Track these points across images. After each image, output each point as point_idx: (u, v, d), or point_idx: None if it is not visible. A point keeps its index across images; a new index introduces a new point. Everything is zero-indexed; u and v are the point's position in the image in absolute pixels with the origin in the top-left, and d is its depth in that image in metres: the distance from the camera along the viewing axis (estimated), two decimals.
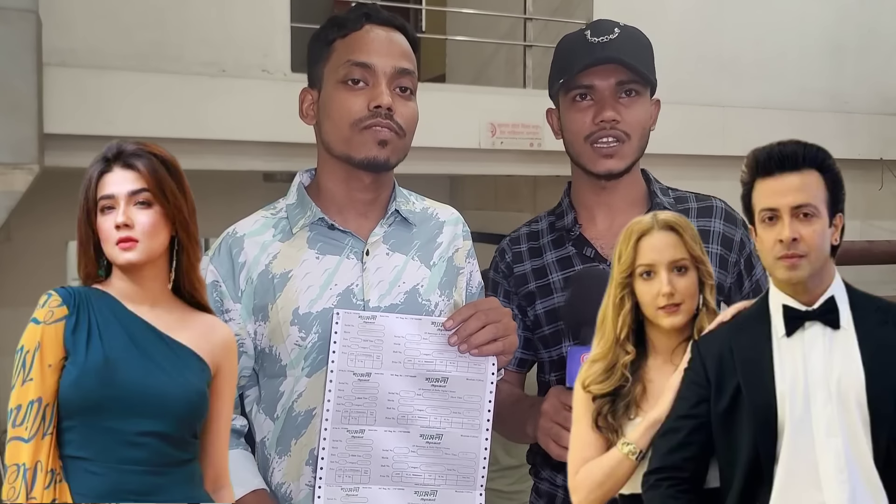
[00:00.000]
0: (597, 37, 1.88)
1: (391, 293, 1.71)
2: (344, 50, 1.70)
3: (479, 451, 1.67)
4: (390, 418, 1.63)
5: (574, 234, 1.91)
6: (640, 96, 1.90)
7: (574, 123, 1.89)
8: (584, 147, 1.88)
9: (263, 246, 1.70)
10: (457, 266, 1.81)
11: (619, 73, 1.86)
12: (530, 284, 1.92)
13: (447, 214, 1.86)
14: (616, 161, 1.87)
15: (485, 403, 1.66)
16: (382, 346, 1.62)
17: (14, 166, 3.01)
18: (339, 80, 1.69)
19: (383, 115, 1.67)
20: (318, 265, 1.69)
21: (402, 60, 1.71)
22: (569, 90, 1.89)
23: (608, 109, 1.86)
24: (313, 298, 1.67)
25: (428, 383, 1.64)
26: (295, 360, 1.67)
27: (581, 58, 1.87)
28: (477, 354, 1.65)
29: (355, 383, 1.61)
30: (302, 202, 1.74)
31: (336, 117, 1.69)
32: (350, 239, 1.72)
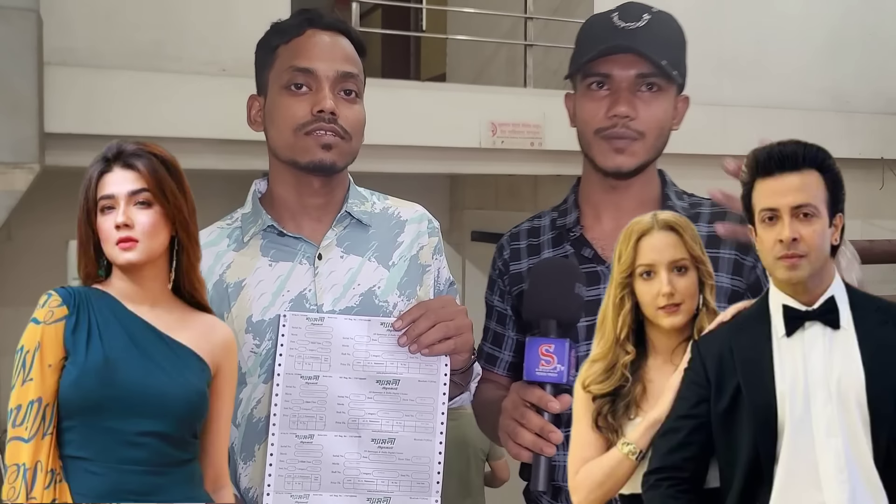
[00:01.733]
0: (624, 21, 1.73)
1: (346, 296, 1.68)
2: (286, 56, 1.70)
3: (433, 456, 1.61)
4: (340, 422, 1.59)
5: (574, 235, 1.79)
6: (662, 92, 1.74)
7: (586, 112, 1.76)
8: (594, 140, 1.75)
9: (217, 256, 1.69)
10: (422, 264, 1.78)
11: (641, 65, 1.71)
12: (524, 283, 1.77)
13: (410, 213, 1.82)
14: (627, 158, 1.73)
15: (438, 406, 1.62)
16: (331, 348, 1.59)
17: (14, 165, 3.01)
18: (283, 85, 1.68)
19: (326, 119, 1.65)
20: (270, 272, 1.68)
21: (345, 64, 1.70)
22: (585, 76, 1.75)
23: (622, 104, 1.71)
24: (266, 305, 1.65)
25: (379, 386, 1.60)
26: (252, 368, 1.64)
27: (601, 42, 1.72)
28: (428, 354, 1.61)
29: (303, 387, 1.58)
30: (255, 210, 1.73)
31: (280, 123, 1.68)
32: (302, 244, 1.70)
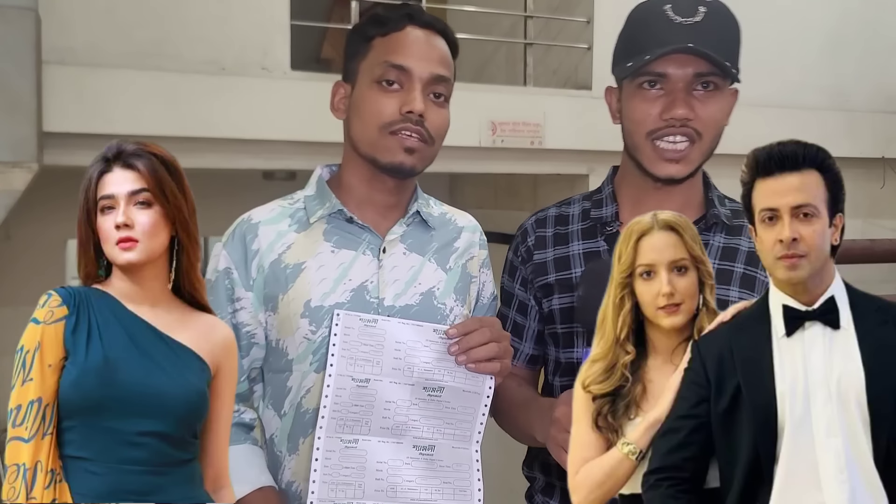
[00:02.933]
0: (679, 15, 1.63)
1: (407, 293, 1.66)
2: (382, 49, 1.66)
3: (471, 463, 1.62)
4: (385, 428, 1.57)
5: (611, 230, 1.70)
6: (718, 91, 1.66)
7: (638, 113, 1.66)
8: (646, 143, 1.66)
9: (279, 234, 1.65)
10: (470, 273, 1.76)
11: (699, 64, 1.62)
12: (550, 276, 1.75)
13: (465, 221, 1.82)
14: (681, 167, 1.65)
15: (478, 416, 1.62)
16: (383, 352, 1.57)
17: (13, 165, 3.00)
18: (374, 79, 1.64)
19: (414, 120, 1.62)
20: (332, 258, 1.64)
21: (440, 67, 1.67)
22: (637, 74, 1.65)
23: (680, 105, 1.63)
24: (326, 292, 1.62)
25: (425, 392, 1.59)
26: (303, 355, 1.61)
27: (658, 40, 1.61)
28: (473, 370, 1.60)
29: (353, 389, 1.55)
30: (321, 194, 1.69)
31: (366, 117, 1.64)
32: (367, 234, 1.67)
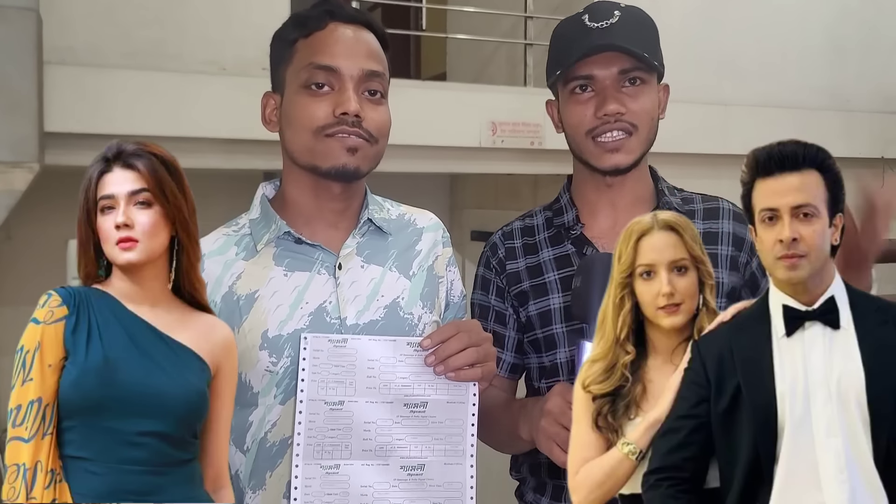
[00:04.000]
0: (595, 21, 1.72)
1: (369, 308, 1.58)
2: (306, 51, 1.57)
3: (464, 480, 1.54)
4: (367, 450, 1.50)
5: (575, 233, 1.78)
6: (645, 84, 1.74)
7: (574, 117, 1.75)
8: (587, 142, 1.74)
9: (226, 265, 1.57)
10: (437, 275, 1.68)
11: (622, 61, 1.71)
12: (524, 283, 1.79)
13: (426, 220, 1.73)
14: (623, 155, 1.73)
15: (467, 427, 1.54)
16: (355, 372, 1.50)
17: (14, 165, 3.01)
18: (301, 84, 1.56)
19: (350, 122, 1.53)
20: (286, 283, 1.56)
21: (370, 62, 1.58)
22: (567, 81, 1.75)
23: (611, 102, 1.70)
24: (283, 319, 1.54)
25: (406, 409, 1.52)
26: (266, 388, 1.54)
27: (578, 46, 1.71)
28: (454, 379, 1.53)
29: (327, 413, 1.49)
30: (266, 216, 1.61)
31: (298, 125, 1.56)
32: (320, 252, 1.58)
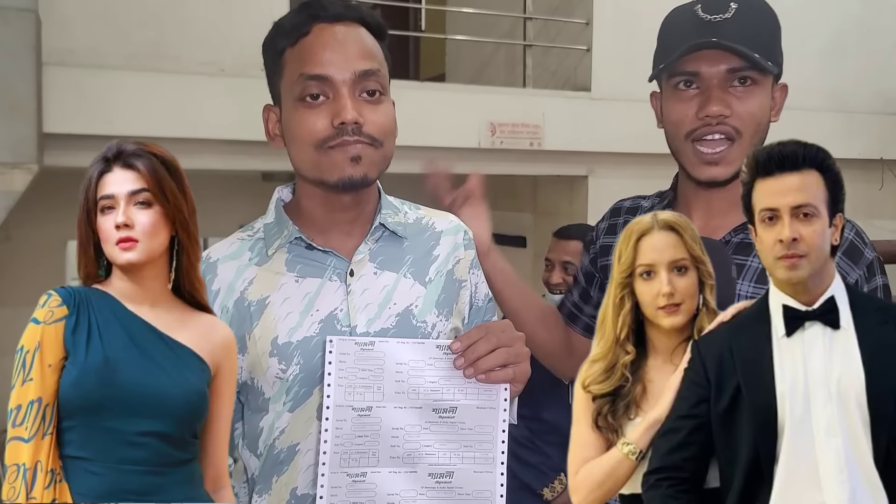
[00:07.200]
0: (708, 13, 1.63)
1: (381, 316, 1.53)
2: (295, 62, 1.51)
3: (494, 489, 1.48)
4: (395, 457, 1.46)
5: None
6: (756, 85, 1.64)
7: (675, 114, 1.67)
8: (685, 146, 1.66)
9: (239, 270, 1.54)
10: (458, 279, 1.62)
11: (731, 59, 1.62)
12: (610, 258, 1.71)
13: (445, 224, 1.67)
14: (721, 169, 1.63)
15: (498, 434, 1.49)
16: (383, 376, 1.45)
17: (13, 166, 3.01)
18: (296, 98, 1.50)
19: (350, 130, 1.47)
20: (297, 289, 1.52)
21: (363, 61, 1.50)
22: (671, 75, 1.66)
23: (715, 102, 1.62)
24: (293, 327, 1.50)
25: (435, 415, 1.47)
26: (277, 395, 1.51)
27: (686, 38, 1.62)
28: (484, 381, 1.48)
29: (354, 420, 1.44)
30: (280, 220, 1.57)
31: (299, 140, 1.51)
32: (332, 259, 1.54)
